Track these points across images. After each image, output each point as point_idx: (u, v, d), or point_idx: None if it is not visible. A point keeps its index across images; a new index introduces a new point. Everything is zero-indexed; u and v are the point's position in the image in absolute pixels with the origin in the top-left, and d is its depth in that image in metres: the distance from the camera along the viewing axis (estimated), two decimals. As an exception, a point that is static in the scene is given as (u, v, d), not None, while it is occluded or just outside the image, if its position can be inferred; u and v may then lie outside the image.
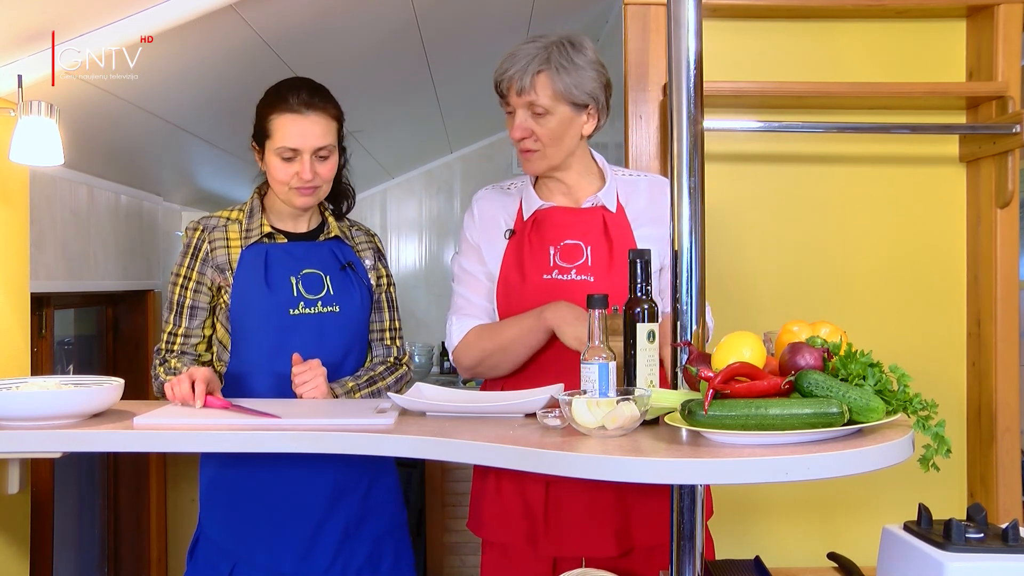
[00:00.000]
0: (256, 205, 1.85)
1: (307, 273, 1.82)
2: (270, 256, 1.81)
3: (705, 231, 1.41)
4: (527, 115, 1.64)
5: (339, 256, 1.87)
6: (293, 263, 1.82)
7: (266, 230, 1.81)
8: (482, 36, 2.93)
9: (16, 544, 1.97)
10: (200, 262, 1.81)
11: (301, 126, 1.73)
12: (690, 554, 1.37)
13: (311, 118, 1.74)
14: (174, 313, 1.82)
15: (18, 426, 1.44)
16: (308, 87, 1.77)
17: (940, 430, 1.20)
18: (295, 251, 1.83)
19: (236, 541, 1.80)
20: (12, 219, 1.93)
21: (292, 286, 1.80)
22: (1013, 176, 2.34)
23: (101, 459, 2.86)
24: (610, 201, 1.73)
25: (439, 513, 3.60)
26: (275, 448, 1.43)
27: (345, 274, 1.85)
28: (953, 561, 1.19)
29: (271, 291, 1.78)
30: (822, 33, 2.45)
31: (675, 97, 1.38)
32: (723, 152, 2.44)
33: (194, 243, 1.82)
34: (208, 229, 1.82)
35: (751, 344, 1.28)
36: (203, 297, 1.81)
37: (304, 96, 1.74)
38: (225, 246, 1.81)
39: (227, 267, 1.80)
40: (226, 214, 1.86)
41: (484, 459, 1.29)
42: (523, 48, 1.64)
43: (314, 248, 1.85)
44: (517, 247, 1.73)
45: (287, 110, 1.73)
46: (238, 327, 1.80)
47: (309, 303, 1.80)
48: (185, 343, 1.82)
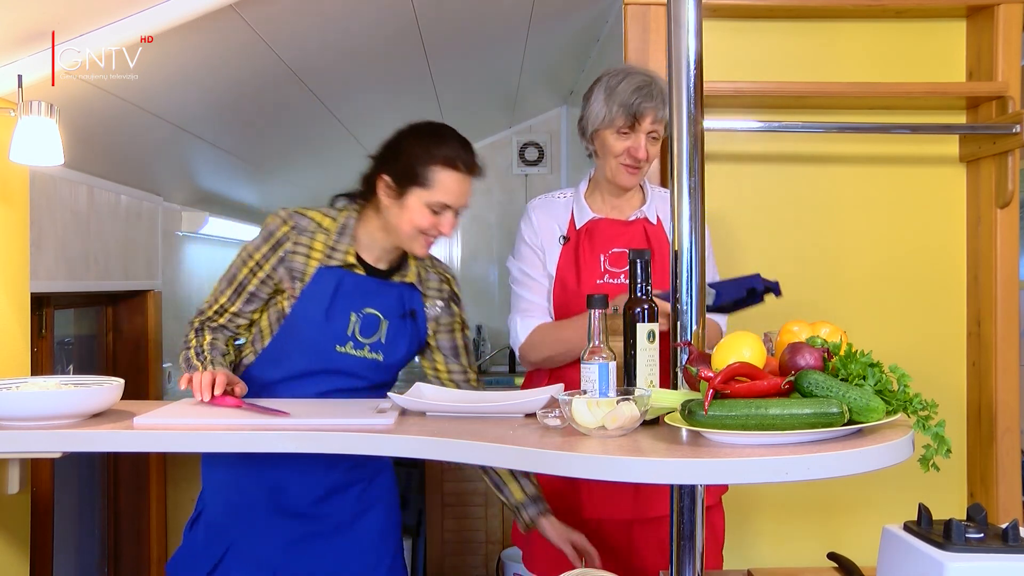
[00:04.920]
0: (349, 226, 1.79)
1: (368, 313, 1.79)
2: (341, 285, 1.77)
3: (705, 231, 1.41)
4: (646, 139, 1.87)
5: (404, 302, 1.83)
6: (359, 299, 1.78)
7: (350, 259, 1.77)
8: (482, 36, 2.93)
9: (16, 544, 1.97)
10: (277, 258, 1.77)
11: (464, 187, 1.72)
12: (690, 554, 1.37)
13: (469, 180, 1.73)
14: (232, 290, 1.79)
15: (18, 426, 1.44)
16: (470, 148, 1.75)
17: (940, 430, 1.20)
18: (366, 287, 1.79)
19: (231, 525, 1.82)
20: (12, 219, 1.93)
21: (350, 323, 1.77)
22: (1013, 176, 2.34)
23: (101, 459, 2.86)
24: (651, 214, 1.96)
25: (439, 513, 3.59)
26: (275, 448, 1.44)
27: (403, 322, 1.82)
28: (953, 561, 1.19)
29: (328, 322, 1.76)
30: (822, 33, 2.45)
31: (675, 97, 1.38)
32: (723, 152, 2.44)
33: (278, 237, 1.77)
34: (298, 230, 1.77)
35: (751, 344, 1.28)
36: (266, 288, 1.79)
37: (470, 158, 1.73)
38: (306, 255, 1.77)
39: (299, 277, 1.76)
40: (318, 218, 1.80)
41: (484, 459, 1.29)
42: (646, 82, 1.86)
43: (384, 288, 1.81)
44: (572, 253, 1.94)
45: (455, 168, 1.70)
46: (283, 340, 1.79)
47: (358, 345, 1.78)
48: (232, 320, 1.80)
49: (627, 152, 1.87)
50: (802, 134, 2.44)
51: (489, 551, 3.56)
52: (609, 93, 1.87)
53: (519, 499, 1.80)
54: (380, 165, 1.76)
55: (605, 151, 1.90)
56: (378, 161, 1.78)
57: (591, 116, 1.91)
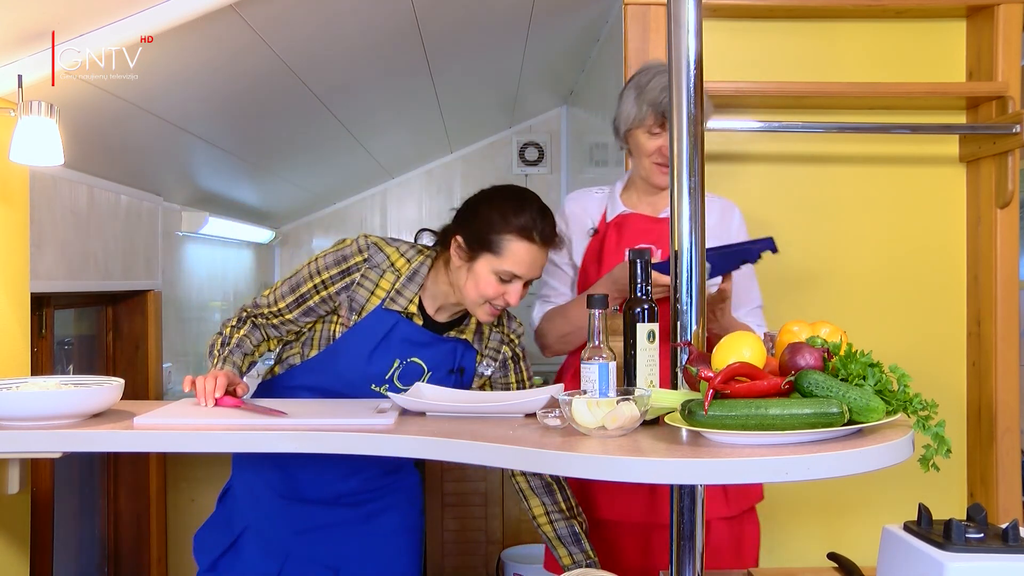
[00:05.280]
0: (420, 273, 1.75)
1: (412, 362, 1.77)
2: (395, 330, 1.75)
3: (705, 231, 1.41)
4: None
5: (455, 358, 1.80)
6: (408, 348, 1.76)
7: (412, 309, 1.74)
8: (482, 36, 2.93)
9: (16, 544, 1.97)
10: (343, 284, 1.74)
11: (535, 257, 1.66)
12: (690, 554, 1.37)
13: (543, 252, 1.68)
14: (294, 299, 1.76)
15: (18, 426, 1.44)
16: (545, 215, 1.69)
17: (940, 430, 1.20)
18: (419, 338, 1.76)
19: (249, 507, 1.85)
20: (12, 219, 1.93)
21: (390, 369, 1.76)
22: (1013, 176, 2.34)
23: (101, 459, 2.85)
24: None
25: (439, 513, 3.59)
26: (275, 448, 1.44)
27: (448, 377, 1.79)
28: (953, 561, 1.19)
29: (369, 363, 1.75)
30: (822, 33, 2.45)
31: (675, 97, 1.38)
32: (723, 152, 2.44)
33: (350, 264, 1.74)
34: (370, 263, 1.74)
35: (751, 344, 1.28)
36: (324, 307, 1.77)
37: (547, 230, 1.67)
38: (371, 291, 1.75)
39: (357, 311, 1.75)
40: (394, 257, 1.76)
41: (484, 459, 1.29)
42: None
43: (437, 342, 1.78)
44: (598, 245, 1.95)
45: (529, 239, 1.64)
46: (325, 359, 1.79)
47: (393, 389, 1.75)
48: (284, 324, 1.79)
49: (659, 151, 1.85)
50: (802, 134, 2.44)
51: (489, 551, 3.56)
52: (639, 92, 1.86)
53: (567, 564, 1.76)
54: (457, 224, 1.72)
55: (638, 151, 1.90)
56: (456, 219, 1.74)
57: (623, 116, 1.90)
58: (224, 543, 1.85)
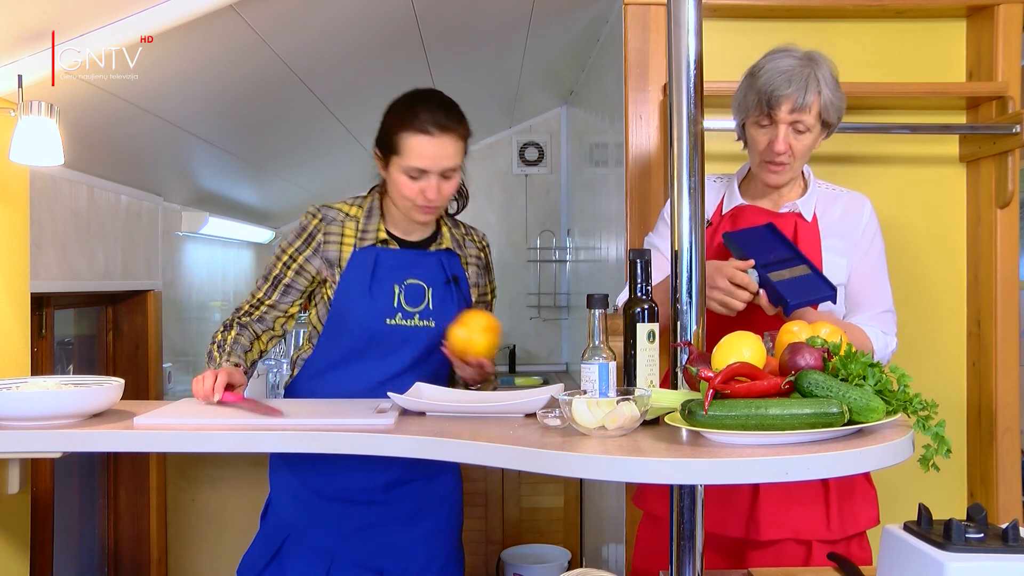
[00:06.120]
0: (375, 206, 1.83)
1: (411, 283, 1.80)
2: (379, 261, 1.79)
3: (704, 231, 1.41)
4: (789, 130, 1.67)
5: (446, 269, 1.85)
6: (399, 271, 1.80)
7: (382, 236, 1.80)
8: (482, 36, 2.93)
9: (16, 544, 1.97)
10: (311, 250, 1.80)
11: (433, 148, 1.69)
12: (690, 554, 1.37)
13: (442, 140, 1.70)
14: (269, 284, 1.82)
15: (18, 426, 1.44)
16: (443, 106, 1.73)
17: (940, 430, 1.20)
18: (404, 259, 1.81)
19: (290, 513, 1.84)
20: (12, 219, 1.93)
21: (394, 295, 1.78)
22: (1013, 176, 2.34)
23: (101, 459, 2.86)
24: (807, 209, 1.78)
25: (439, 513, 3.59)
26: (274, 448, 1.44)
27: (448, 288, 1.83)
28: (953, 561, 1.19)
29: (372, 298, 1.77)
30: (822, 33, 2.45)
31: (675, 97, 1.38)
32: (723, 152, 2.43)
33: (309, 230, 1.81)
34: (326, 220, 1.81)
35: (751, 344, 1.28)
36: (302, 280, 1.82)
37: (439, 117, 1.70)
38: (339, 242, 1.80)
39: (336, 264, 1.79)
40: (345, 208, 1.84)
41: (484, 459, 1.29)
42: (791, 65, 1.66)
43: (423, 258, 1.83)
44: (710, 238, 1.78)
45: (420, 131, 1.69)
46: (334, 324, 1.81)
47: (407, 315, 1.78)
48: (268, 312, 1.83)
49: (769, 147, 1.68)
50: (802, 134, 2.44)
51: (489, 551, 3.56)
52: (752, 77, 1.69)
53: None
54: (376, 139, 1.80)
55: (751, 145, 1.74)
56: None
57: (736, 105, 1.75)
58: (266, 556, 1.83)
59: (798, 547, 1.68)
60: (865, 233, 1.80)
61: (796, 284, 1.58)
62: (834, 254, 1.76)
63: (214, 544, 3.05)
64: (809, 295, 1.58)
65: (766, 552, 1.69)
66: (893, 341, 1.80)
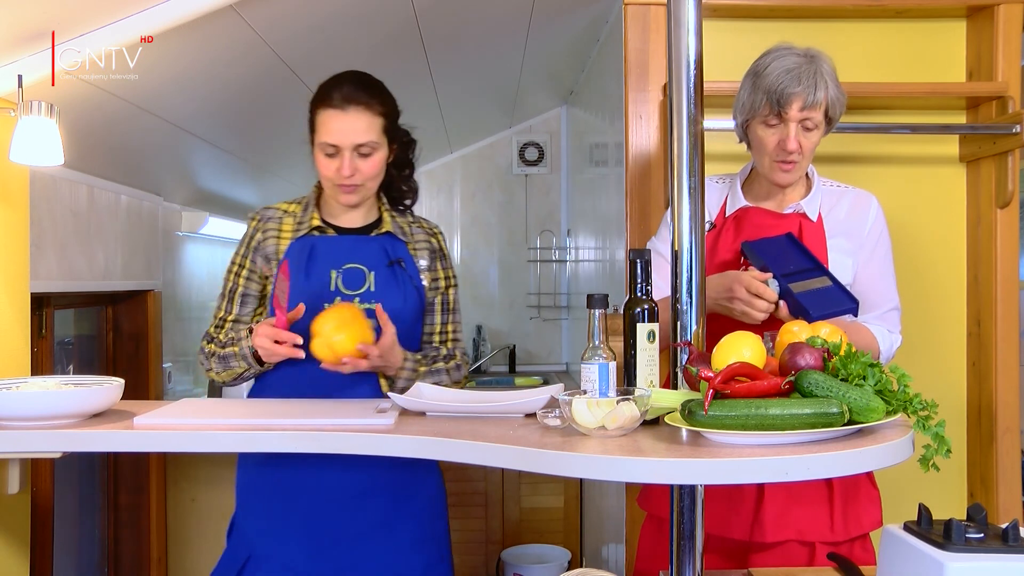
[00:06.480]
0: (312, 198, 1.85)
1: (349, 268, 1.79)
2: (315, 249, 1.79)
3: (704, 231, 1.41)
4: (798, 128, 1.68)
5: (389, 252, 1.82)
6: (336, 256, 1.79)
7: (315, 223, 1.80)
8: (482, 36, 2.93)
9: (16, 544, 1.97)
10: (252, 251, 1.82)
11: (341, 122, 1.70)
12: (690, 554, 1.37)
13: (351, 114, 1.70)
14: (226, 300, 1.84)
15: (18, 426, 1.44)
16: (353, 81, 1.74)
17: (940, 430, 1.20)
18: (341, 244, 1.81)
19: (252, 530, 1.76)
20: (12, 219, 1.93)
21: (331, 280, 1.77)
22: (1013, 176, 2.34)
23: (101, 459, 2.86)
24: (811, 210, 1.79)
25: (439, 513, 3.59)
26: (274, 448, 1.43)
27: (392, 271, 1.80)
28: (953, 561, 1.19)
29: (307, 283, 1.76)
30: (822, 33, 2.45)
31: (675, 97, 1.38)
32: (723, 152, 2.43)
33: (249, 232, 1.83)
34: (264, 219, 1.83)
35: (751, 344, 1.28)
36: (254, 285, 1.83)
37: (347, 90, 1.71)
38: (276, 237, 1.81)
39: (274, 256, 1.80)
40: (284, 206, 1.86)
41: (484, 459, 1.29)
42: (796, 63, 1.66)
43: (361, 243, 1.82)
44: (714, 241, 1.79)
45: (329, 105, 1.71)
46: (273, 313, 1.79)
47: (347, 298, 1.76)
48: (234, 328, 1.81)
49: (780, 146, 1.68)
50: (802, 134, 2.44)
51: (489, 551, 3.56)
52: (756, 77, 1.69)
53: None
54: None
55: (757, 145, 1.74)
56: None
57: (739, 105, 1.75)
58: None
59: (802, 549, 1.68)
60: (871, 232, 1.80)
61: (818, 296, 1.57)
62: (840, 253, 1.76)
63: (214, 544, 3.05)
64: (832, 308, 1.56)
65: (770, 554, 1.69)
66: (898, 339, 1.81)
